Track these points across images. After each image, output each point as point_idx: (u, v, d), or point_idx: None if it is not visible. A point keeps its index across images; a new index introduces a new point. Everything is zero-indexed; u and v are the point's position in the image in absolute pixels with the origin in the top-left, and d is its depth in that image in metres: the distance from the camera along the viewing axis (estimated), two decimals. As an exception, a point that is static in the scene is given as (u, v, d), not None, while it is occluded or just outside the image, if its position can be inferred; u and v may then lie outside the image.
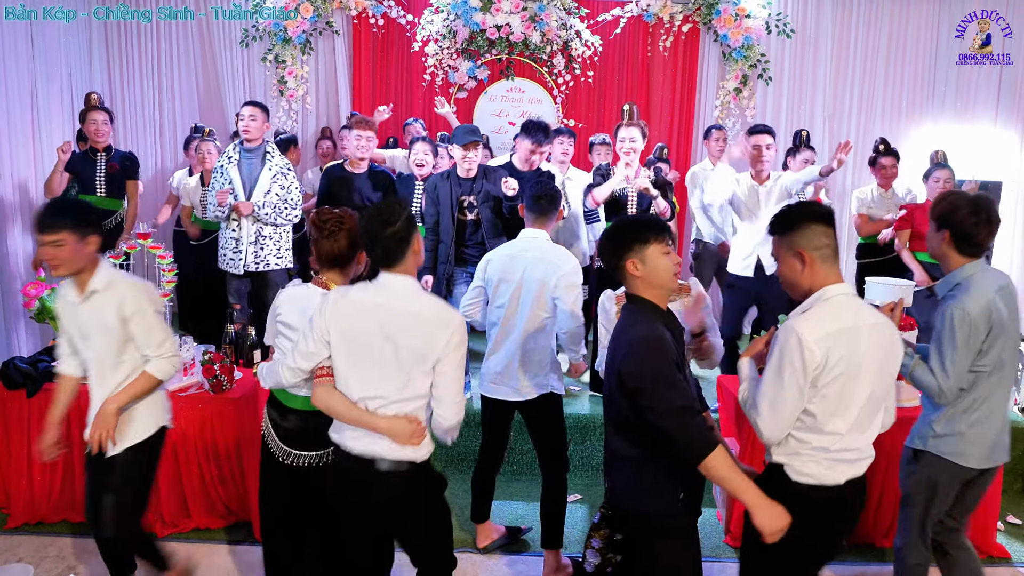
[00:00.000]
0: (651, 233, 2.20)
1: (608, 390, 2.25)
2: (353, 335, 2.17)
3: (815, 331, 2.05)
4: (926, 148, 6.40)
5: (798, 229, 2.16)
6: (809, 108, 6.53)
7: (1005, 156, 6.42)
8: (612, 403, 2.22)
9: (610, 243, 2.26)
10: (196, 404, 3.42)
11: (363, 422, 2.18)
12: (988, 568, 3.54)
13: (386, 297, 2.17)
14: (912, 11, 6.42)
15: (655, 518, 2.20)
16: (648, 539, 2.22)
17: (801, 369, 2.05)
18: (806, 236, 2.14)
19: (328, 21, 6.32)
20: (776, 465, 2.19)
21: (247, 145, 4.36)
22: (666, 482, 2.19)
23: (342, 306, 2.20)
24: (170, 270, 3.72)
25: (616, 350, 2.18)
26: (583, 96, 6.46)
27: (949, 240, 2.54)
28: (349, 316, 2.18)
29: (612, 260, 2.26)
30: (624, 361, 2.11)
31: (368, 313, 2.16)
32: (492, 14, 6.08)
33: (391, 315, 2.15)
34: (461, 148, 4.11)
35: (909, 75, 6.51)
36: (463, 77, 6.32)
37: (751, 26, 6.20)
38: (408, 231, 2.18)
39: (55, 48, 5.65)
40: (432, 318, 2.16)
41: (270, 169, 4.34)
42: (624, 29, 6.39)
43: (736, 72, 6.37)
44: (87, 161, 4.99)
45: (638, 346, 2.11)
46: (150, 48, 6.38)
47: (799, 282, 2.18)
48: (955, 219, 2.51)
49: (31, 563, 3.21)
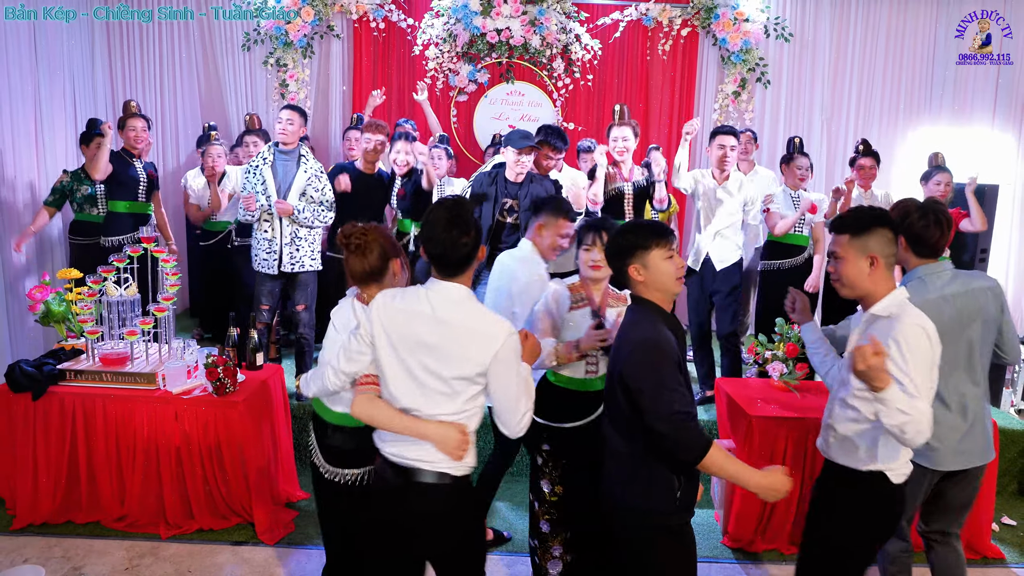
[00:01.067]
0: (653, 238, 2.21)
1: (609, 387, 2.28)
2: (398, 341, 2.11)
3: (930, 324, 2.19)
4: (923, 150, 6.45)
5: (872, 232, 2.25)
6: (807, 111, 6.56)
7: (1002, 159, 6.45)
8: (612, 400, 2.25)
9: (614, 248, 2.28)
10: (199, 406, 3.46)
11: (409, 430, 2.10)
12: (982, 569, 3.60)
13: (435, 305, 2.09)
14: (910, 14, 6.45)
15: (651, 515, 2.21)
16: (643, 537, 2.23)
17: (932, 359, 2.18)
18: (879, 241, 2.25)
19: (329, 24, 6.35)
20: (875, 473, 2.28)
21: (283, 148, 4.40)
22: (663, 479, 2.19)
23: (390, 310, 2.14)
24: (173, 274, 3.76)
25: (619, 349, 2.21)
26: (583, 99, 6.49)
27: (905, 245, 2.64)
28: (397, 321, 2.11)
29: (616, 264, 2.29)
30: (627, 362, 2.13)
31: (415, 320, 2.09)
32: (492, 18, 6.12)
33: (437, 325, 2.07)
34: (515, 152, 4.09)
35: (907, 78, 6.54)
36: (463, 80, 6.35)
37: (750, 30, 6.23)
38: (478, 243, 2.12)
39: (57, 50, 5.68)
40: (479, 331, 2.07)
41: (305, 171, 4.36)
42: (623, 33, 6.42)
43: (735, 76, 6.40)
44: (125, 164, 4.98)
45: (641, 348, 2.13)
46: (152, 51, 6.40)
47: (863, 284, 2.28)
48: (907, 223, 2.61)
49: (37, 563, 3.24)
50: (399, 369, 2.12)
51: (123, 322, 3.74)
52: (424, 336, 2.08)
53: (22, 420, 3.52)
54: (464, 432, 2.11)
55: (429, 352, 2.08)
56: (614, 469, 2.29)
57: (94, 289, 3.68)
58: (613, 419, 2.28)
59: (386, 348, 2.13)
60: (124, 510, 3.59)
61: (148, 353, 3.77)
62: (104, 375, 3.57)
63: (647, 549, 2.23)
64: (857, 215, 2.31)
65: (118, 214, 4.99)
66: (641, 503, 2.21)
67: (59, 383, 3.56)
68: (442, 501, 2.13)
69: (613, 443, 2.29)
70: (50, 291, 3.85)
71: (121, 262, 3.68)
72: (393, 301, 2.15)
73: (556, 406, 2.82)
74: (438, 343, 2.07)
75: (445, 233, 2.06)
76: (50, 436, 3.53)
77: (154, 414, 3.47)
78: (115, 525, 3.57)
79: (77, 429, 3.53)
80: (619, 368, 2.17)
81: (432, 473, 2.11)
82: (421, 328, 2.08)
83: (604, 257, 2.48)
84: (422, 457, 2.11)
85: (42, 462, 3.55)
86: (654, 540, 2.22)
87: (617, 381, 2.18)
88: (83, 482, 3.59)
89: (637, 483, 2.21)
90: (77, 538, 3.51)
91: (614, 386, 2.22)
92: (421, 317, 2.09)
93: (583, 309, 2.78)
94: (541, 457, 2.86)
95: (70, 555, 3.38)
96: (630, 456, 2.22)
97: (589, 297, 2.80)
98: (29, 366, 3.54)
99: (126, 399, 3.49)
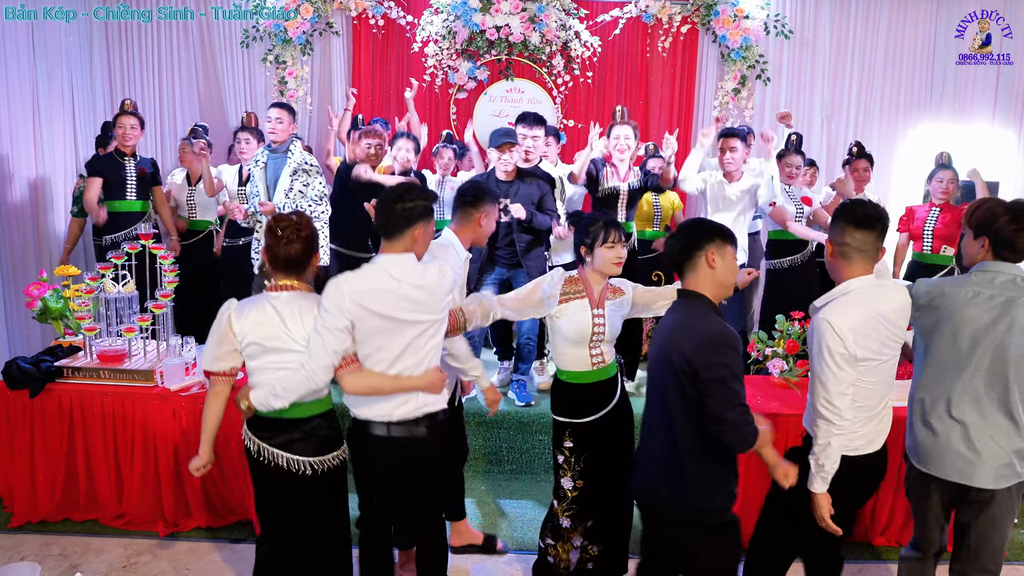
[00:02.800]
0: (730, 238, 2.35)
1: (663, 382, 2.26)
2: (369, 317, 2.33)
3: None
4: (924, 148, 6.44)
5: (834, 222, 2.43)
6: (808, 109, 6.54)
7: (1003, 156, 6.44)
8: (670, 394, 2.24)
9: (693, 231, 2.34)
10: (198, 404, 3.44)
11: (402, 386, 2.41)
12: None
13: (392, 278, 2.35)
14: (910, 12, 6.44)
15: (708, 512, 2.25)
16: (698, 534, 2.26)
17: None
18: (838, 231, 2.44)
19: (328, 22, 6.33)
20: None
21: (273, 146, 4.38)
22: (719, 474, 2.27)
23: (352, 295, 2.31)
24: (172, 271, 3.74)
25: (684, 340, 2.20)
26: (582, 97, 6.47)
27: (988, 247, 2.49)
28: (364, 301, 2.32)
29: (691, 246, 2.30)
30: (702, 352, 2.16)
31: (379, 296, 2.33)
32: (492, 15, 6.10)
33: (401, 296, 2.35)
34: (496, 150, 4.12)
35: (907, 75, 6.52)
36: (463, 78, 6.34)
37: (750, 27, 6.21)
38: (416, 214, 2.40)
39: (56, 49, 5.67)
40: (435, 284, 2.42)
41: (289, 166, 4.34)
42: (623, 30, 6.40)
43: (735, 73, 6.39)
44: (115, 164, 4.99)
45: (716, 339, 2.18)
46: (150, 49, 6.38)
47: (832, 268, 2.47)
48: (995, 227, 2.45)
49: (34, 562, 3.23)
50: (377, 342, 2.37)
51: (121, 319, 3.73)
52: (392, 307, 2.34)
53: (19, 417, 3.51)
54: (440, 371, 2.50)
55: (400, 321, 2.36)
56: (664, 466, 2.27)
57: (92, 286, 3.67)
58: (668, 415, 2.26)
59: (361, 328, 2.35)
60: (122, 508, 3.58)
61: (146, 350, 3.76)
62: (102, 372, 3.56)
63: (704, 547, 2.26)
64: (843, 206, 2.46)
65: (112, 213, 5.00)
66: (698, 501, 2.24)
67: (56, 380, 3.55)
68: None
69: (666, 439, 2.27)
70: (47, 288, 3.84)
71: (119, 259, 3.67)
72: (349, 285, 2.33)
73: (573, 402, 2.85)
74: (407, 311, 2.36)
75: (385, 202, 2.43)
76: (48, 433, 3.52)
77: (152, 411, 3.46)
78: (113, 523, 3.57)
79: (75, 426, 3.52)
80: (688, 359, 2.17)
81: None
82: (388, 301, 2.33)
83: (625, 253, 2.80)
84: (425, 403, 2.47)
85: (39, 460, 3.54)
86: (712, 537, 2.26)
87: (685, 373, 2.17)
88: (81, 480, 3.58)
89: (695, 479, 2.23)
90: (75, 536, 3.50)
91: (674, 379, 2.21)
92: (383, 292, 2.33)
93: (576, 301, 2.79)
94: (563, 454, 2.87)
95: (68, 553, 3.37)
96: (687, 452, 2.23)
97: (588, 294, 2.81)
98: (26, 363, 3.53)
99: (124, 396, 3.48)
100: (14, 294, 5.23)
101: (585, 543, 2.93)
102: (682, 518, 2.27)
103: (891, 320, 2.37)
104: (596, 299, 2.82)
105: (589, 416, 2.84)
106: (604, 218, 2.81)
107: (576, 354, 2.81)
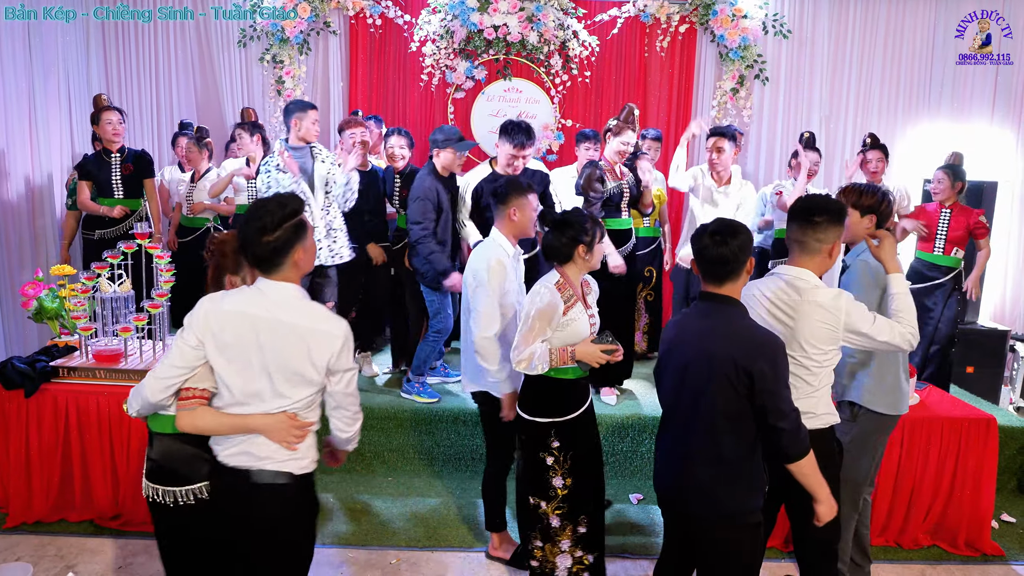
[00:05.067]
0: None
1: (701, 386, 2.25)
2: (227, 343, 2.06)
3: None
4: (923, 147, 6.44)
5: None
6: (806, 108, 6.53)
7: (1001, 156, 6.44)
8: (715, 399, 2.22)
9: (743, 238, 2.28)
10: (194, 404, 3.43)
11: (237, 427, 2.08)
12: (982, 567, 3.59)
13: (262, 306, 2.07)
14: (908, 11, 6.43)
15: (747, 513, 2.29)
16: (734, 534, 2.30)
17: None
18: None
19: (326, 21, 6.32)
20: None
21: (300, 145, 4.35)
22: (760, 476, 2.32)
23: (214, 315, 2.08)
24: (168, 270, 3.72)
25: (733, 346, 2.20)
26: (580, 96, 6.46)
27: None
28: (223, 325, 2.07)
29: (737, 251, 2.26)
30: (756, 359, 2.16)
31: (242, 322, 2.06)
32: (489, 14, 6.09)
33: (266, 325, 2.05)
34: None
35: (906, 75, 6.52)
36: (460, 77, 6.32)
37: (748, 26, 6.20)
38: (288, 241, 2.06)
39: (52, 48, 5.65)
40: (311, 329, 2.07)
41: (323, 162, 4.35)
42: (621, 29, 6.39)
43: (733, 72, 6.38)
44: (102, 163, 4.97)
45: (772, 346, 2.20)
46: (148, 48, 6.37)
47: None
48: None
49: (29, 562, 3.21)
50: (232, 370, 2.07)
51: (117, 319, 3.71)
52: (254, 335, 2.05)
53: (15, 418, 3.49)
54: (293, 417, 2.09)
55: (259, 350, 2.05)
56: (711, 469, 2.27)
57: (87, 285, 3.65)
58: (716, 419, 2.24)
59: (215, 354, 2.07)
60: (118, 509, 3.57)
61: (142, 350, 3.74)
62: (98, 372, 3.55)
63: (740, 545, 2.31)
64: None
65: None
66: (741, 502, 2.27)
67: (52, 380, 3.53)
68: (281, 503, 2.10)
69: (712, 443, 2.26)
70: (43, 287, 3.82)
71: (115, 258, 3.65)
72: (215, 305, 2.10)
73: (560, 399, 2.83)
74: (267, 342, 2.05)
75: (247, 234, 2.05)
76: (43, 434, 3.50)
77: (148, 411, 3.44)
78: (109, 524, 3.55)
79: (70, 427, 3.50)
80: (742, 365, 2.17)
81: (269, 472, 2.08)
82: (251, 327, 2.05)
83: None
84: (260, 454, 2.08)
85: (35, 460, 3.52)
86: (746, 535, 2.31)
87: (739, 378, 2.18)
88: (76, 480, 3.56)
89: (740, 484, 2.27)
90: (70, 536, 3.49)
91: (724, 383, 2.20)
92: (248, 317, 2.06)
93: (575, 307, 2.77)
94: (552, 455, 2.83)
95: (63, 554, 3.35)
96: (735, 456, 2.25)
97: (577, 295, 2.79)
98: (22, 363, 3.52)
99: (120, 396, 3.45)
100: (10, 293, 5.21)
101: (579, 553, 2.88)
102: (726, 519, 2.28)
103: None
104: (583, 299, 2.82)
105: (572, 413, 2.82)
106: (590, 216, 2.81)
107: None
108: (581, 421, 2.86)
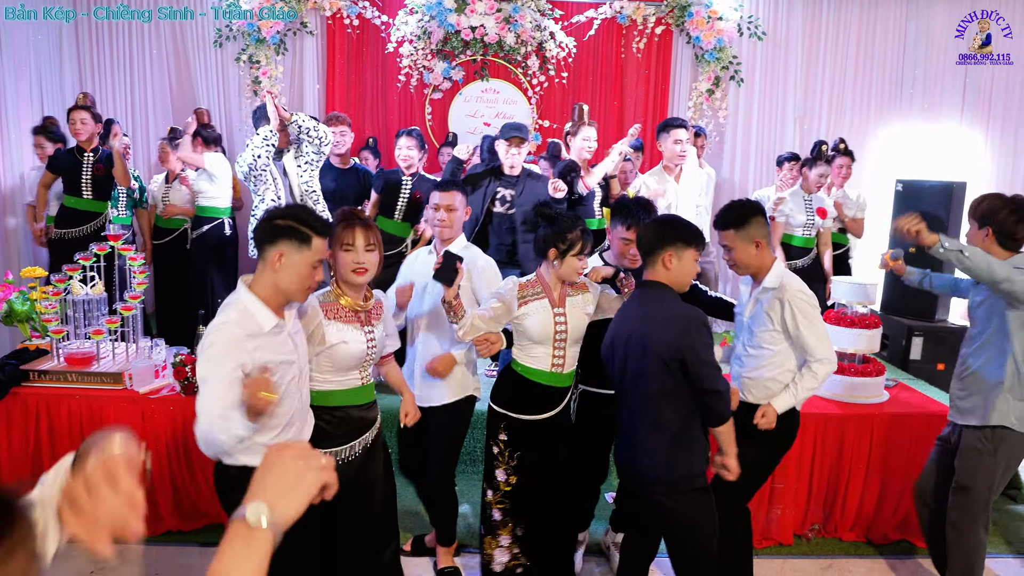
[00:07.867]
0: (695, 240, 2.49)
1: (641, 368, 2.42)
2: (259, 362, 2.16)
3: None
4: (894, 147, 6.54)
5: (751, 222, 2.68)
6: (780, 109, 6.62)
7: (970, 156, 6.55)
8: (652, 381, 2.41)
9: (657, 230, 2.50)
10: (167, 406, 3.41)
11: None
12: (950, 559, 3.62)
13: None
14: (880, 13, 6.53)
15: (690, 479, 2.45)
16: (681, 501, 2.45)
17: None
18: (757, 226, 2.69)
19: (302, 21, 6.30)
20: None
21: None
22: (699, 441, 2.48)
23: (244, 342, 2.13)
24: (141, 272, 3.70)
25: (665, 330, 2.38)
26: (557, 97, 6.49)
27: (992, 237, 2.89)
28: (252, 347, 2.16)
29: (651, 245, 2.47)
30: (686, 337, 2.36)
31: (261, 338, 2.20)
32: (467, 15, 6.10)
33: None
34: (506, 142, 4.15)
35: (877, 76, 6.62)
36: (438, 78, 6.33)
37: (723, 28, 6.27)
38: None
39: (23, 47, 5.58)
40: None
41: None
42: (598, 31, 6.43)
43: (708, 74, 6.44)
44: (73, 161, 4.93)
45: (697, 321, 2.40)
46: (122, 48, 6.31)
47: (753, 263, 2.71)
48: (998, 219, 2.87)
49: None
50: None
51: (89, 321, 3.68)
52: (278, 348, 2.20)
53: (-15, 421, 3.45)
54: None
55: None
56: (651, 444, 2.45)
57: (59, 288, 3.61)
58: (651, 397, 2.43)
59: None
60: (90, 512, 3.53)
61: (115, 352, 3.71)
62: (69, 375, 3.51)
63: (692, 510, 2.46)
64: (736, 211, 2.70)
65: (68, 208, 4.99)
66: (686, 470, 2.44)
67: (23, 383, 3.49)
68: None
69: (651, 419, 2.45)
70: (13, 289, 3.77)
71: (87, 260, 3.62)
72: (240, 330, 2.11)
73: (517, 396, 2.83)
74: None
75: None
76: (13, 437, 3.46)
77: (121, 414, 3.41)
78: (81, 527, 3.51)
79: (41, 430, 3.46)
80: (670, 342, 2.35)
81: None
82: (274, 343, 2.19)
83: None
84: None
85: (5, 464, 3.47)
86: (694, 500, 2.46)
87: (666, 356, 2.35)
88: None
89: (680, 452, 2.43)
90: (42, 541, 3.44)
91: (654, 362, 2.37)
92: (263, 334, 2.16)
93: (535, 302, 2.78)
94: (498, 447, 2.85)
95: (35, 558, 3.31)
96: (671, 428, 2.43)
97: (547, 292, 2.79)
98: (-9, 366, 3.47)
99: (92, 399, 3.43)
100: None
101: (516, 550, 2.90)
102: (674, 487, 2.45)
103: None
104: (556, 299, 2.80)
105: (526, 415, 2.82)
106: (582, 226, 2.76)
107: (538, 351, 2.80)
108: (541, 427, 2.83)
